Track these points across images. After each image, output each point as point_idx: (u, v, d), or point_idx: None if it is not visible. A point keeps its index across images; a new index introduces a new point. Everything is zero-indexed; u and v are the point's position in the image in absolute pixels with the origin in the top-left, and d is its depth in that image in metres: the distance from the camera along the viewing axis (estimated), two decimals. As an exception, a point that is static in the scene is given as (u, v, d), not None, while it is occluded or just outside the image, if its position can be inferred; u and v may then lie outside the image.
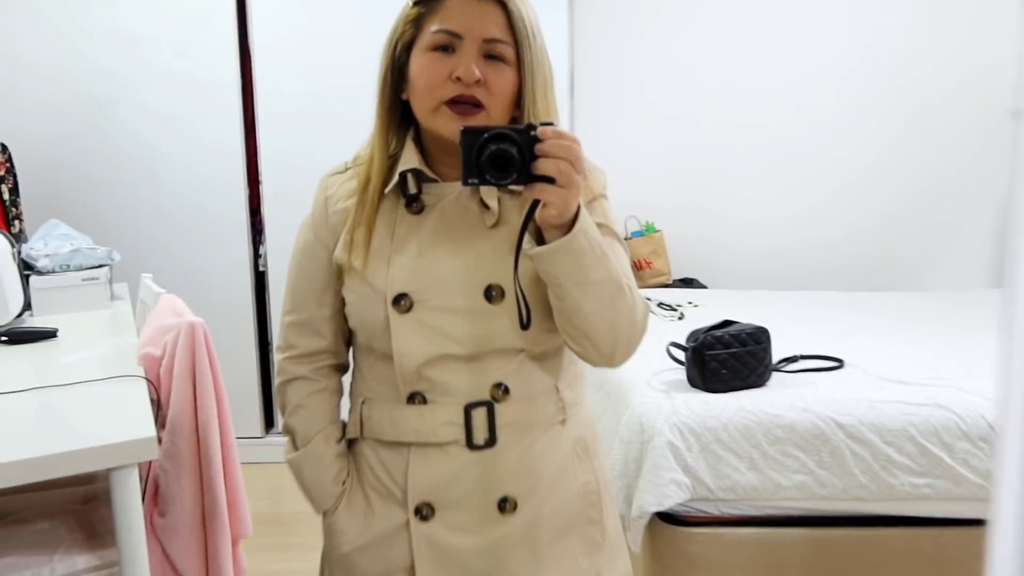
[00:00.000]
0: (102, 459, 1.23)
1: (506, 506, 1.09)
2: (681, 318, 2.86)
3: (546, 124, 0.92)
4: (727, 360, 2.02)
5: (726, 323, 2.11)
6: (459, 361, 1.06)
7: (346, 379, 1.21)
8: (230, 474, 1.62)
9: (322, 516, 1.17)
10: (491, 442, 1.08)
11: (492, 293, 1.05)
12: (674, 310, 2.97)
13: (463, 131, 0.92)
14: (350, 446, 1.18)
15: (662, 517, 1.95)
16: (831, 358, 2.28)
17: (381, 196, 1.08)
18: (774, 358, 2.18)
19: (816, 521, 1.96)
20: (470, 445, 1.07)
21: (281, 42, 3.05)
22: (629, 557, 1.26)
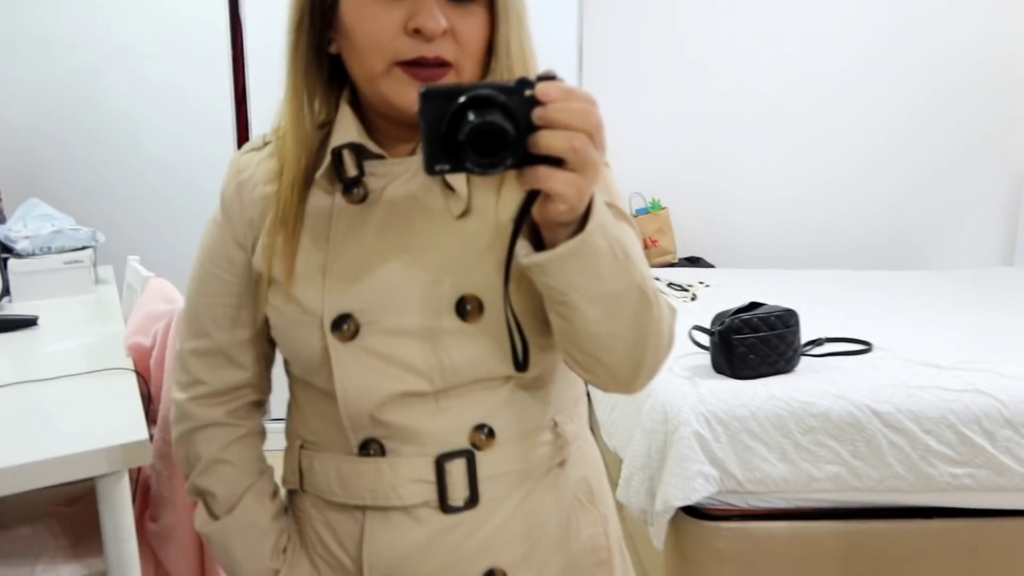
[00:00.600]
0: (89, 466, 1.11)
1: None
2: (693, 299, 2.74)
3: (546, 78, 0.61)
4: (755, 344, 1.90)
5: (752, 305, 1.99)
6: (426, 400, 0.78)
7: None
8: (229, 474, 1.50)
9: None
10: (472, 501, 0.81)
11: (467, 307, 0.77)
12: (685, 291, 2.85)
13: (424, 94, 0.60)
14: (288, 497, 0.92)
15: (686, 511, 1.84)
16: (859, 340, 2.17)
17: (308, 182, 0.80)
18: (804, 341, 2.07)
19: (850, 514, 1.86)
20: (444, 507, 0.80)
21: (273, 11, 2.89)
22: None
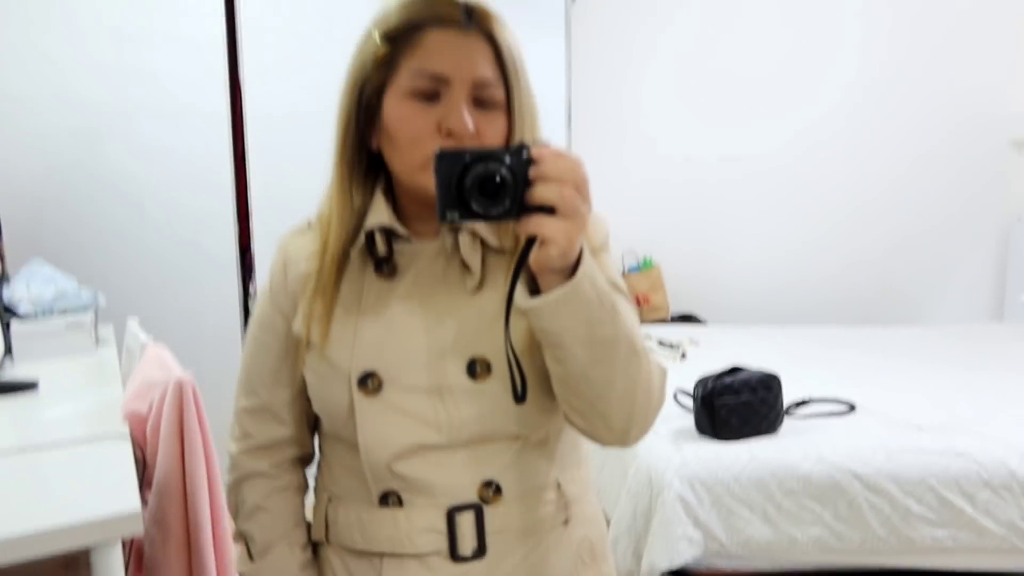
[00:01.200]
0: (82, 537, 1.14)
1: None
2: (683, 357, 2.79)
3: (540, 144, 0.75)
4: (737, 408, 1.95)
5: (734, 370, 2.04)
6: (439, 453, 0.88)
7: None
8: (220, 541, 1.53)
9: None
10: (480, 552, 0.89)
11: (476, 368, 0.87)
12: (675, 348, 2.90)
13: (439, 155, 0.74)
14: (314, 551, 1.01)
15: (672, 572, 1.87)
16: (843, 402, 2.21)
17: (344, 258, 0.92)
18: (784, 401, 2.11)
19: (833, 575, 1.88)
20: (454, 557, 0.89)
21: (271, 73, 2.99)
22: None
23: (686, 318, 3.56)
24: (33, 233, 2.98)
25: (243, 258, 3.10)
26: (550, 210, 0.72)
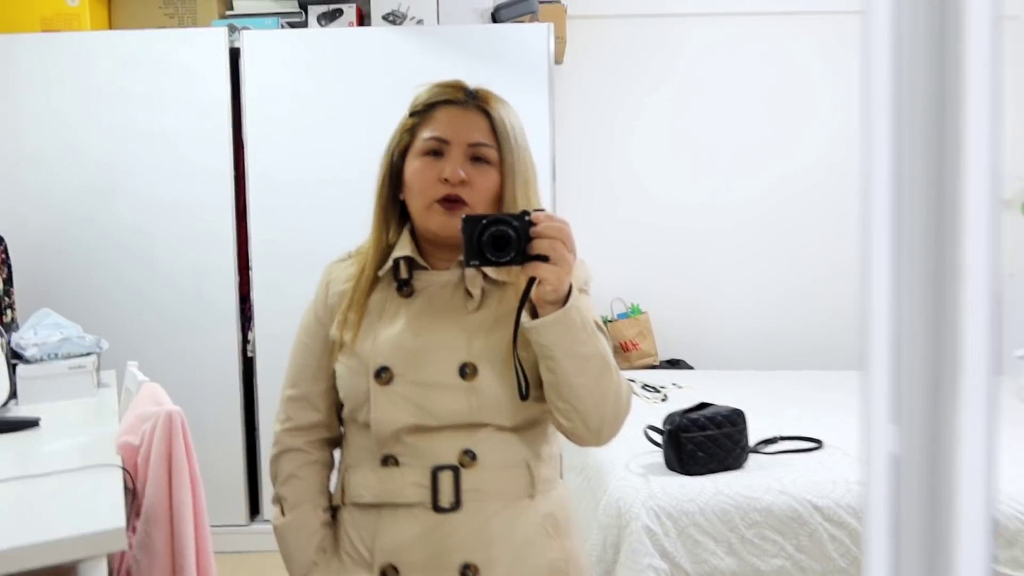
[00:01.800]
0: (69, 551, 1.24)
1: (468, 573, 1.13)
2: (664, 400, 2.88)
3: (538, 211, 1.05)
4: (703, 443, 2.04)
5: (702, 405, 2.13)
6: (430, 431, 1.14)
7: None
8: (203, 565, 1.62)
9: None
10: (456, 506, 1.12)
11: (466, 371, 1.13)
12: (658, 391, 2.99)
13: (464, 219, 1.04)
14: (334, 514, 1.25)
15: (642, 604, 1.93)
16: (810, 439, 2.29)
17: (375, 279, 1.20)
18: (755, 439, 2.20)
19: (797, 606, 1.94)
20: (436, 507, 1.13)
21: (273, 132, 3.16)
22: None
23: (674, 363, 3.65)
24: (44, 284, 3.13)
25: (242, 307, 3.23)
26: (545, 259, 1.02)
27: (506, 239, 1.01)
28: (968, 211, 0.47)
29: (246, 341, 3.24)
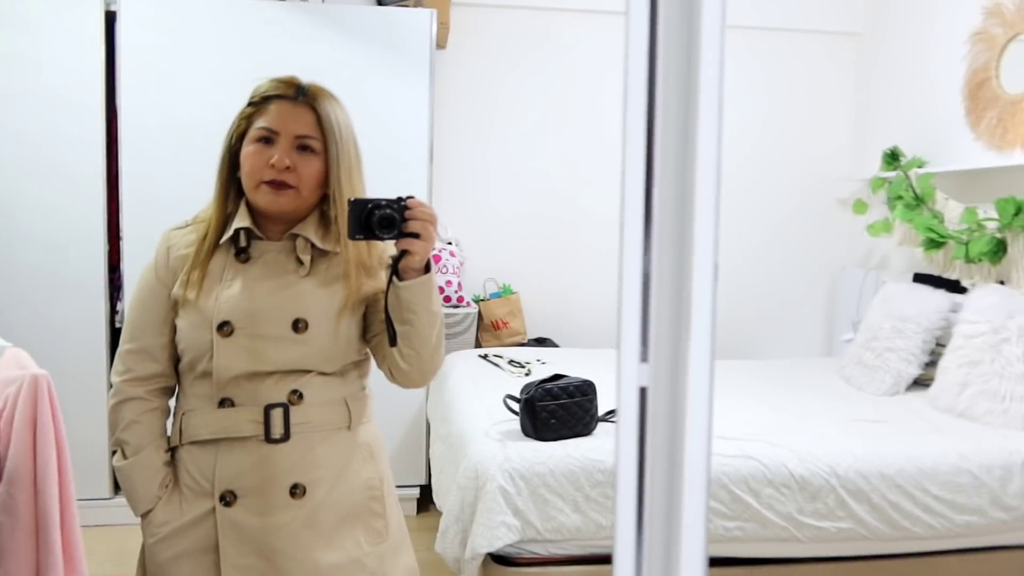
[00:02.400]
0: (-67, 505, 1.27)
1: (297, 491, 1.33)
2: (528, 375, 3.05)
3: (410, 197, 1.29)
4: (556, 411, 2.21)
5: (556, 377, 2.31)
6: (264, 376, 1.34)
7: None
8: (68, 528, 1.64)
9: (141, 518, 1.40)
10: (286, 437, 1.34)
11: (299, 325, 1.35)
12: (523, 367, 3.16)
13: (352, 201, 1.27)
14: (172, 454, 1.41)
15: (496, 559, 2.09)
16: (654, 410, 2.50)
17: (216, 245, 1.38)
18: (604, 410, 2.39)
19: (634, 558, 2.15)
20: (268, 439, 1.33)
21: (146, 92, 3.12)
22: (414, 556, 1.46)
23: (540, 341, 3.85)
24: None
25: (111, 277, 3.18)
26: (416, 236, 1.26)
27: (392, 220, 1.26)
28: (697, 195, 0.62)
29: (115, 312, 3.19)
